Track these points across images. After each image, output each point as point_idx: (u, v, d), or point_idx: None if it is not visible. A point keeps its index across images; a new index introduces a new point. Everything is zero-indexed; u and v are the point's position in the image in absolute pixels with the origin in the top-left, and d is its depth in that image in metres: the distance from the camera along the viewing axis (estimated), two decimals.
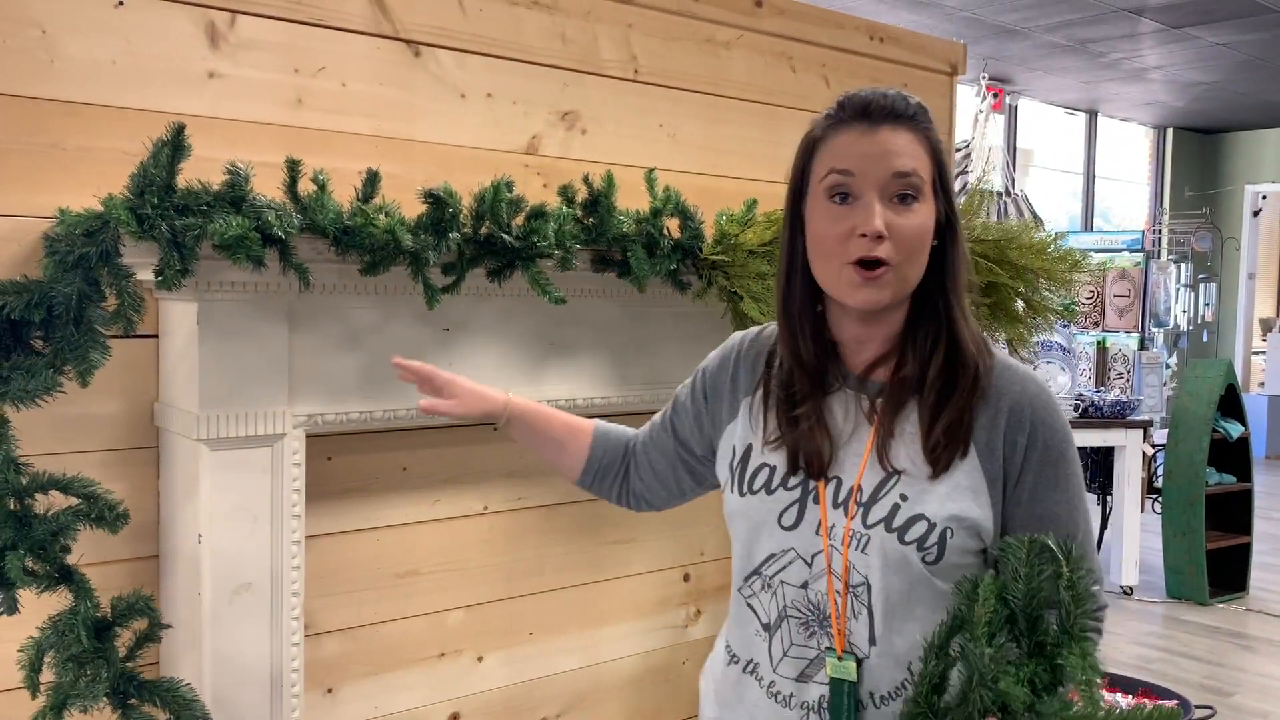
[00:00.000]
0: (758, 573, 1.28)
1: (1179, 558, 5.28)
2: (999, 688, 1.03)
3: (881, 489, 1.22)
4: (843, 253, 1.19)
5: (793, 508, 1.25)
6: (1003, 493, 1.22)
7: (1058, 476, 1.24)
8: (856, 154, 1.20)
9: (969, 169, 6.64)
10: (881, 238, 1.17)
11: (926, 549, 1.20)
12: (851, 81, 2.80)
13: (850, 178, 1.19)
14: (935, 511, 1.20)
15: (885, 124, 1.20)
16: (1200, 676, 4.25)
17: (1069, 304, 2.80)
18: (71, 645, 1.50)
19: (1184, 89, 8.15)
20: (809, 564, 1.24)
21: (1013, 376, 1.25)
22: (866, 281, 1.18)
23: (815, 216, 1.23)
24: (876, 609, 1.21)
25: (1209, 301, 9.66)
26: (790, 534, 1.24)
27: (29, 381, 1.45)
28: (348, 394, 1.87)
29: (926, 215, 1.21)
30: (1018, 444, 1.22)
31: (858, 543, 1.21)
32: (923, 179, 1.20)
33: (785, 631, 1.26)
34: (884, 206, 1.18)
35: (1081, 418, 5.24)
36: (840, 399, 1.27)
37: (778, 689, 1.27)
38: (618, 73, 2.37)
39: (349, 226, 1.70)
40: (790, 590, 1.25)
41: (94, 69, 1.75)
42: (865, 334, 1.26)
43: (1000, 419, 1.22)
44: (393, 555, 2.13)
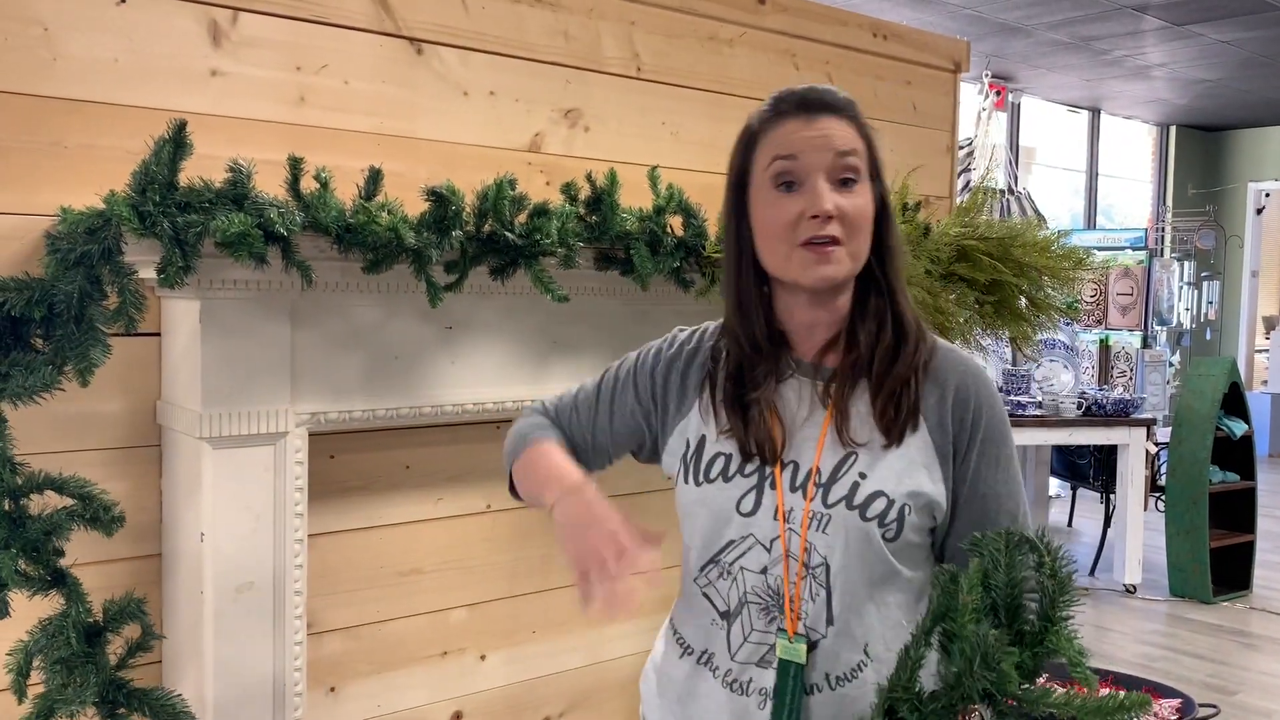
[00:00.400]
0: (715, 560, 1.29)
1: (1182, 556, 5.27)
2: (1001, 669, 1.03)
3: (840, 468, 1.24)
4: (793, 236, 1.23)
5: (750, 494, 1.26)
6: (953, 468, 1.27)
7: (999, 456, 1.29)
8: (799, 140, 1.24)
9: (972, 167, 6.63)
10: (831, 217, 1.21)
11: (886, 525, 1.23)
12: (854, 79, 2.80)
13: (795, 162, 1.23)
14: (894, 488, 1.23)
15: (821, 113, 1.26)
16: (1204, 675, 4.24)
17: (1072, 302, 2.79)
18: (60, 649, 1.49)
19: (1187, 86, 8.14)
20: (768, 549, 1.25)
21: (955, 358, 1.31)
22: (820, 259, 1.22)
23: (761, 205, 1.26)
24: (835, 588, 1.23)
25: (1212, 299, 9.64)
26: (749, 520, 1.26)
27: (28, 379, 1.45)
28: (350, 392, 1.87)
29: (867, 197, 1.25)
30: (964, 421, 1.27)
31: (818, 523, 1.23)
32: (861, 161, 1.25)
33: (746, 618, 1.27)
34: (830, 189, 1.22)
35: (1084, 416, 5.24)
36: (793, 385, 1.30)
37: (734, 676, 1.28)
38: (620, 70, 2.37)
39: (351, 224, 1.70)
40: (750, 576, 1.26)
41: (96, 67, 1.75)
42: (814, 318, 1.29)
43: (948, 396, 1.27)
44: (395, 554, 2.12)
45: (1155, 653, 4.50)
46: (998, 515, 1.28)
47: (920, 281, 2.27)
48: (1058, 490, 7.15)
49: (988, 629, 1.05)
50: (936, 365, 1.29)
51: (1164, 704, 3.57)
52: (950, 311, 2.38)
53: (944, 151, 3.07)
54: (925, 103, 2.98)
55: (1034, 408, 5.27)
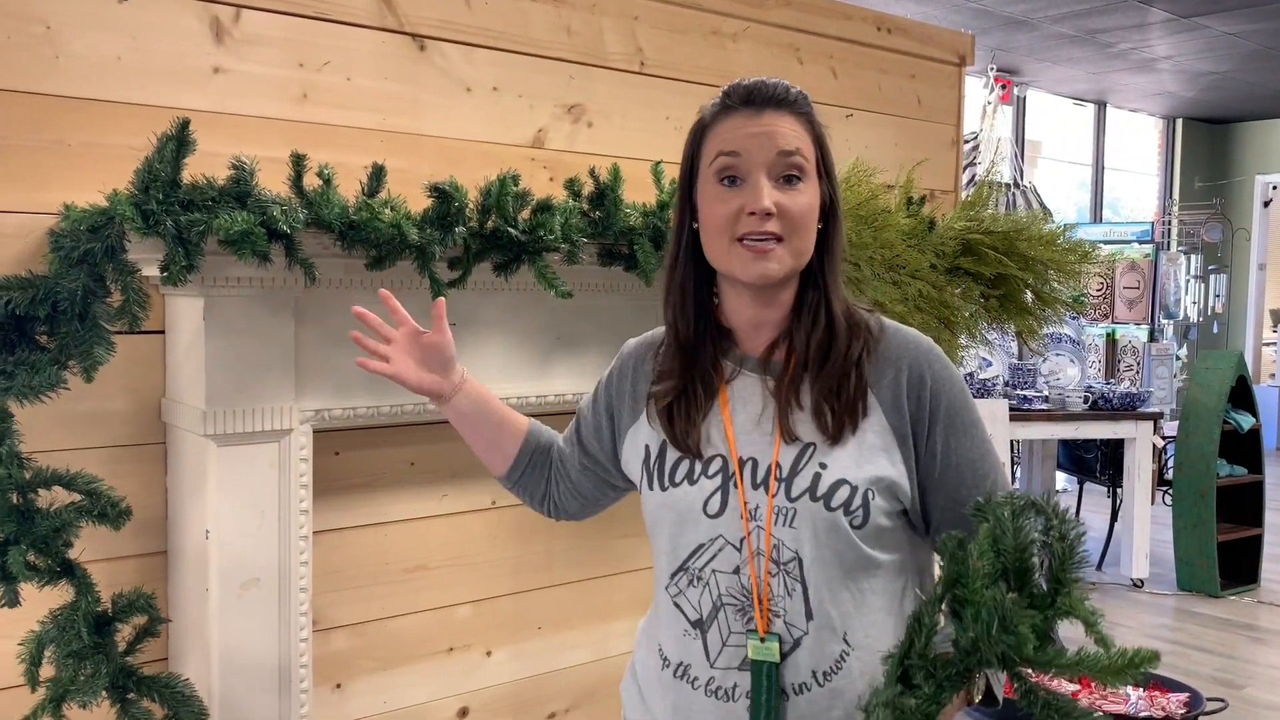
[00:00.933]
0: (684, 568, 1.27)
1: (1190, 550, 5.26)
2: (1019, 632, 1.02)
3: (800, 461, 1.24)
4: (732, 231, 1.23)
5: (716, 495, 1.26)
6: (914, 450, 1.26)
7: (964, 424, 1.29)
8: (743, 135, 1.24)
9: (977, 161, 6.61)
10: (770, 214, 1.21)
11: (852, 513, 1.22)
12: (858, 73, 2.79)
13: (737, 159, 1.24)
14: (855, 475, 1.23)
15: (769, 108, 1.25)
16: (1212, 669, 4.23)
17: (1078, 296, 2.78)
18: (71, 640, 1.50)
19: (1193, 79, 8.10)
20: (738, 549, 1.24)
21: (905, 338, 1.31)
22: (757, 256, 1.22)
23: (705, 199, 1.26)
24: (810, 582, 1.22)
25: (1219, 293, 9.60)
26: (716, 521, 1.25)
27: (33, 377, 1.45)
28: (354, 389, 1.87)
29: (812, 195, 1.25)
30: (922, 399, 1.27)
31: (784, 518, 1.23)
32: (806, 159, 1.25)
33: (722, 622, 1.25)
34: (772, 186, 1.22)
35: (1091, 410, 5.22)
36: (744, 383, 1.30)
37: (718, 684, 1.25)
38: (624, 65, 2.36)
39: (354, 221, 1.70)
40: (723, 578, 1.25)
41: (99, 65, 1.75)
42: (759, 315, 1.29)
43: (901, 376, 1.27)
44: (400, 550, 2.12)
45: (1163, 647, 4.49)
46: (977, 482, 1.28)
47: (925, 276, 2.26)
48: (1064, 485, 7.13)
49: (1004, 593, 1.05)
50: (885, 348, 1.29)
51: (1172, 698, 3.56)
52: (955, 306, 2.37)
53: (949, 145, 3.06)
54: (930, 96, 2.97)
55: (1040, 402, 5.26)
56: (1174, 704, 3.52)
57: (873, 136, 2.82)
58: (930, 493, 1.28)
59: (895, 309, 2.21)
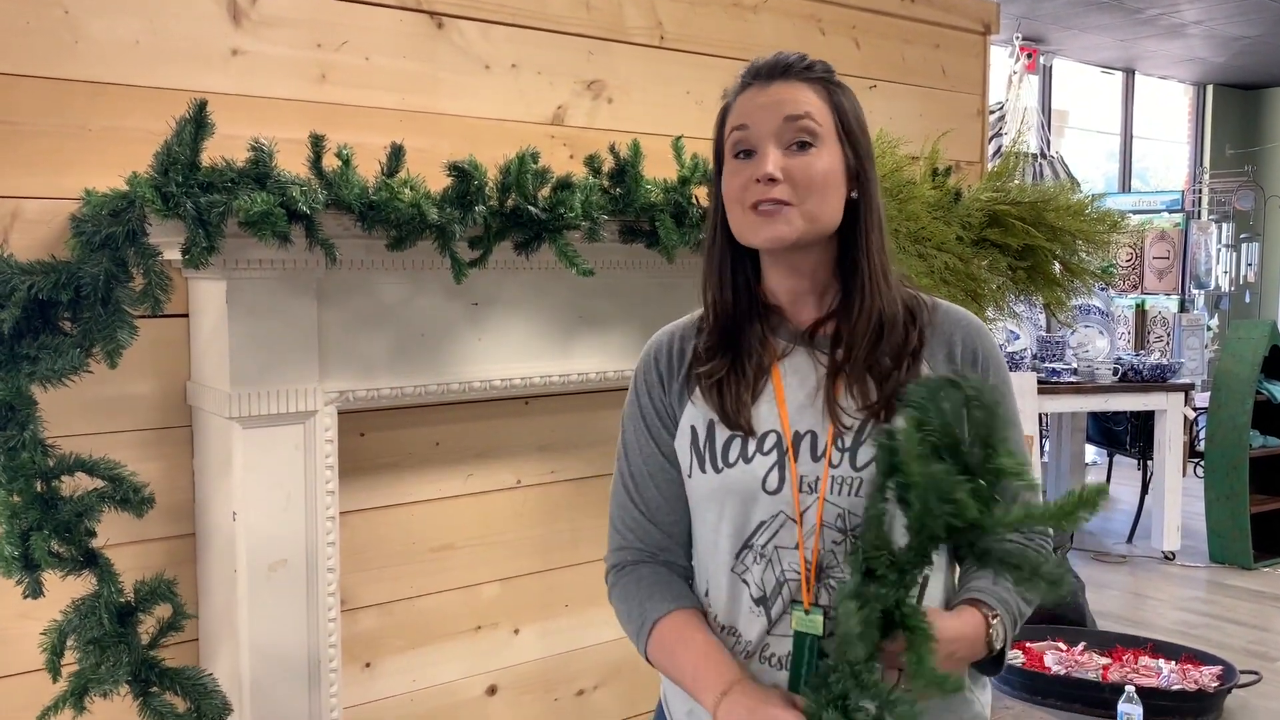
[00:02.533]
0: (749, 545, 1.26)
1: (1222, 522, 5.21)
2: (957, 499, 1.03)
3: (863, 431, 1.23)
4: (744, 199, 1.23)
5: (774, 471, 1.24)
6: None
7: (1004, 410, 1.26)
8: (751, 108, 1.25)
9: (1003, 131, 6.53)
10: (775, 180, 1.21)
11: None
12: (882, 43, 2.75)
13: (747, 131, 1.24)
14: None
15: (777, 79, 1.25)
16: (1244, 641, 4.19)
17: (1107, 266, 2.75)
18: (93, 629, 1.51)
19: (1225, 44, 7.95)
20: (799, 523, 1.24)
21: (957, 313, 1.32)
22: (765, 218, 1.22)
23: (725, 174, 1.27)
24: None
25: (1251, 261, 9.45)
26: (776, 497, 1.24)
27: (57, 361, 1.46)
28: (378, 370, 1.87)
29: (828, 158, 1.23)
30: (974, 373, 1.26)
31: (849, 488, 1.22)
32: (818, 123, 1.24)
33: (785, 597, 1.25)
34: (780, 153, 1.22)
35: (1121, 381, 5.17)
36: (796, 359, 1.29)
37: (771, 650, 1.25)
38: (643, 40, 2.34)
39: (374, 201, 1.69)
40: (785, 553, 1.24)
41: (117, 49, 1.74)
42: (794, 286, 1.28)
43: (955, 350, 1.28)
44: (427, 530, 2.13)
45: (1195, 620, 4.46)
46: None
47: (951, 248, 2.24)
48: (1094, 457, 7.07)
49: (934, 466, 1.06)
50: (939, 322, 1.29)
51: (1205, 671, 3.53)
52: (982, 278, 2.34)
53: (974, 115, 3.01)
54: (955, 66, 2.92)
55: (1069, 374, 5.20)
56: (1207, 677, 3.49)
57: (897, 107, 2.78)
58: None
59: (921, 282, 2.19)
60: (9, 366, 1.48)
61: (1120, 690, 3.10)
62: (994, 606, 1.24)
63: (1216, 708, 3.46)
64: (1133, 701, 3.02)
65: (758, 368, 1.28)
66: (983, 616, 1.22)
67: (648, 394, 1.36)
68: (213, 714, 1.60)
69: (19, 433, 1.47)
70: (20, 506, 1.49)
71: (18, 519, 1.48)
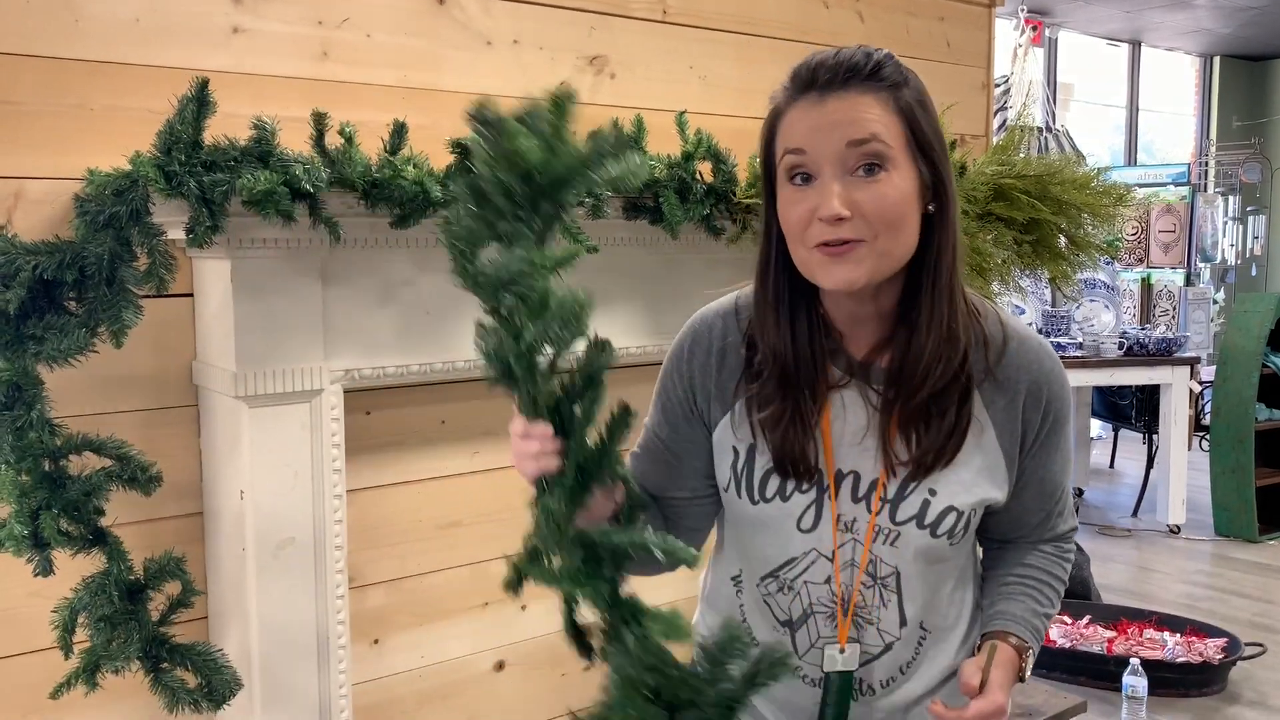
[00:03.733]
0: (774, 575, 1.24)
1: (1228, 495, 5.21)
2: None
3: (907, 487, 1.17)
4: (806, 237, 1.09)
5: (810, 510, 1.20)
6: (1018, 464, 1.22)
7: (1060, 442, 1.24)
8: (807, 129, 1.08)
9: (1008, 105, 6.49)
10: (842, 219, 1.06)
11: (954, 535, 1.20)
12: (886, 17, 2.73)
13: (804, 156, 1.08)
14: (963, 501, 1.18)
15: (834, 91, 1.08)
16: (1250, 614, 4.20)
17: (1113, 240, 2.74)
18: (103, 607, 1.52)
19: (1232, 14, 7.89)
20: (830, 559, 1.21)
21: (1029, 354, 1.20)
22: (835, 259, 1.07)
23: (781, 201, 1.12)
24: (905, 593, 1.22)
25: (1258, 234, 9.41)
26: (810, 535, 1.20)
27: (62, 341, 1.46)
28: (383, 348, 1.87)
29: (900, 182, 1.08)
30: (1033, 421, 1.19)
31: (885, 537, 1.19)
32: (887, 144, 1.07)
33: (812, 626, 1.24)
34: (845, 182, 1.07)
35: (1126, 355, 5.16)
36: (850, 393, 1.19)
37: (804, 673, 1.26)
38: (646, 14, 2.32)
39: (378, 179, 1.69)
40: (815, 588, 1.22)
41: (118, 27, 1.74)
42: (859, 313, 1.16)
43: (1019, 399, 1.18)
44: (434, 507, 2.14)
45: (1200, 593, 4.47)
46: (1052, 489, 1.27)
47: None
48: (1099, 431, 7.07)
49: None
50: (1008, 366, 1.18)
51: (1209, 643, 3.54)
52: (988, 252, 2.34)
53: (979, 88, 2.99)
54: (959, 39, 2.90)
55: (1074, 349, 5.20)
56: (1212, 649, 3.51)
57: None
58: (1009, 497, 1.24)
59: None
60: (15, 347, 1.48)
61: (1125, 663, 3.11)
62: (1026, 640, 1.24)
63: (1221, 680, 3.48)
64: (1138, 674, 3.03)
65: (810, 401, 1.17)
66: (1016, 653, 1.23)
67: (674, 381, 1.26)
68: (223, 689, 1.61)
69: (26, 412, 1.48)
70: (29, 486, 1.50)
71: (27, 498, 1.49)
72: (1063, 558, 1.33)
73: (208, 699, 1.60)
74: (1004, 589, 1.29)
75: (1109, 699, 3.26)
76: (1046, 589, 1.30)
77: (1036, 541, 1.32)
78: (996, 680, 1.18)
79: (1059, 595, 1.32)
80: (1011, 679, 1.21)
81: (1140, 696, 3.01)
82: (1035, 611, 1.28)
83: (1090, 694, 3.18)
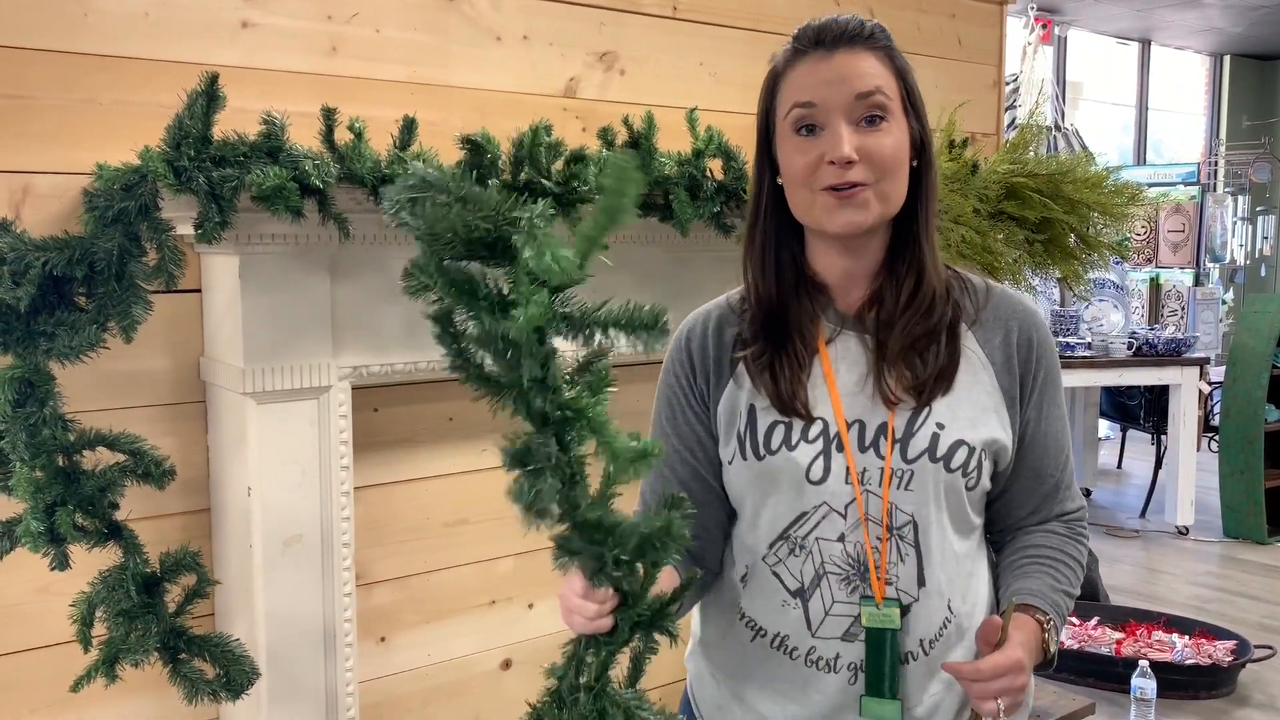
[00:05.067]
0: (785, 536, 1.21)
1: (1237, 496, 5.19)
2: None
3: (915, 422, 1.19)
4: (814, 181, 1.16)
5: (818, 459, 1.19)
6: (1019, 411, 1.23)
7: (1056, 394, 1.27)
8: (816, 83, 1.16)
9: (1018, 103, 6.47)
10: (851, 162, 1.14)
11: (969, 474, 1.19)
12: (897, 14, 2.72)
13: (813, 109, 1.16)
14: (972, 436, 1.19)
15: (841, 48, 1.17)
16: (1259, 616, 4.18)
17: (1123, 239, 2.73)
18: (121, 600, 1.52)
19: (1243, 13, 7.86)
20: (843, 515, 1.19)
21: (1013, 298, 1.27)
22: (843, 203, 1.15)
23: (785, 152, 1.19)
24: (924, 547, 1.19)
25: (1267, 235, 9.37)
26: (820, 488, 1.19)
27: (73, 338, 1.46)
28: (392, 345, 1.86)
29: (899, 134, 1.17)
30: (1029, 362, 1.24)
31: (899, 480, 1.18)
32: (889, 97, 1.17)
33: (825, 591, 1.20)
34: (852, 131, 1.15)
35: (1135, 356, 5.14)
36: (845, 342, 1.23)
37: (819, 654, 1.21)
38: (656, 10, 2.31)
39: (387, 175, 1.68)
40: (826, 545, 1.19)
41: (128, 22, 1.73)
42: (851, 267, 1.22)
43: (1011, 337, 1.23)
44: (442, 505, 2.13)
45: (1209, 594, 4.45)
46: (1056, 454, 1.27)
47: (968, 220, 2.22)
48: (1107, 432, 7.05)
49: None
50: (994, 307, 1.25)
51: (1219, 645, 3.53)
52: (999, 251, 2.32)
53: (990, 86, 2.98)
54: (971, 36, 2.89)
55: (1083, 349, 5.18)
56: (1221, 651, 3.49)
57: None
58: (1017, 459, 1.25)
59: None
60: (27, 343, 1.48)
61: (1134, 665, 3.10)
62: (1047, 612, 1.22)
63: (1230, 682, 3.46)
64: (1146, 676, 3.02)
65: (806, 352, 1.22)
66: (1038, 624, 1.20)
67: (675, 377, 1.30)
68: (241, 679, 1.61)
69: (39, 409, 1.48)
70: (44, 481, 1.49)
71: (42, 494, 1.48)
72: (1076, 538, 1.30)
73: (226, 689, 1.59)
74: (1019, 570, 1.27)
75: (1117, 701, 3.24)
76: (1063, 567, 1.27)
77: (1046, 520, 1.30)
78: (1016, 638, 1.16)
79: (1077, 576, 1.29)
80: (1033, 645, 1.18)
81: (1149, 698, 3.00)
82: (1054, 587, 1.25)
83: (1099, 696, 3.17)
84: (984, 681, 1.13)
